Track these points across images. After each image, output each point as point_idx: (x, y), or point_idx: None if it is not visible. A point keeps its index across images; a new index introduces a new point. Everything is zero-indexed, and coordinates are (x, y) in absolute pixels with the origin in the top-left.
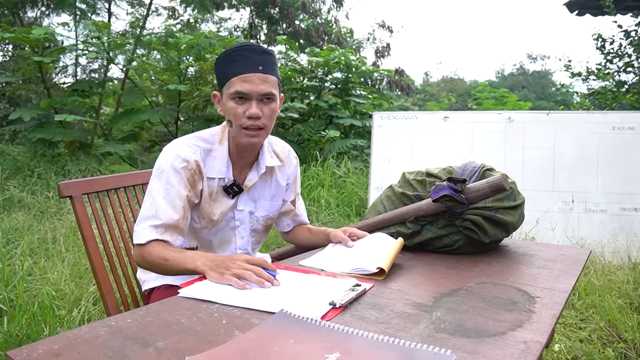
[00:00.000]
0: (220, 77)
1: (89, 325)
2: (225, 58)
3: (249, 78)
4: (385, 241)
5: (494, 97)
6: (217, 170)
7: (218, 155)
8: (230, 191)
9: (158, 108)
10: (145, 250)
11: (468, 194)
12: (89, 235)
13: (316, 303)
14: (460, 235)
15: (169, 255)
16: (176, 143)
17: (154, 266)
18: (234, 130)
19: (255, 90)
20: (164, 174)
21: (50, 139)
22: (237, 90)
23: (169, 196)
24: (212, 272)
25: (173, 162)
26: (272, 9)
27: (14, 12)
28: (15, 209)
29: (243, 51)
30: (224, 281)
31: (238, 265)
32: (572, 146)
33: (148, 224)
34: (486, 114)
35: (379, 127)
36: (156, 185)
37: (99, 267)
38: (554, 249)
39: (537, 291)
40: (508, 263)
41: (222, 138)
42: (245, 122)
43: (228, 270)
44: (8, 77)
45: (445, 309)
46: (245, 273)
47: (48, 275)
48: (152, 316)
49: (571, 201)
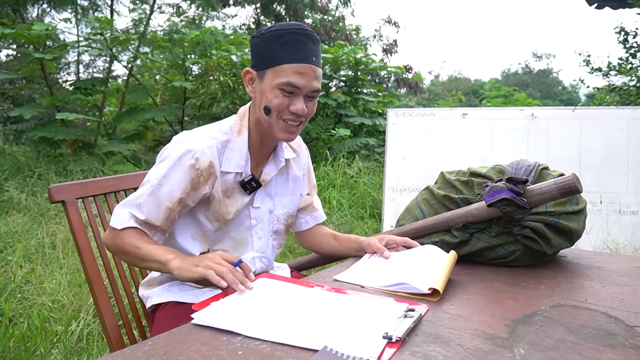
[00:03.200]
0: (265, 57)
1: None
2: (276, 37)
3: (304, 70)
4: (435, 254)
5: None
6: (234, 163)
7: (236, 147)
8: (247, 187)
9: (163, 106)
10: (118, 235)
11: (531, 197)
12: (84, 245)
13: (367, 336)
14: (518, 245)
15: (142, 245)
16: (191, 134)
17: (123, 253)
18: (269, 120)
19: (307, 86)
20: (165, 165)
21: (52, 138)
22: (289, 82)
23: (159, 192)
24: (185, 265)
25: (181, 156)
26: (278, 6)
27: (15, 10)
28: (14, 211)
29: (298, 35)
30: (194, 275)
31: (212, 258)
32: (600, 144)
33: (129, 210)
34: (507, 110)
35: (394, 124)
36: (154, 175)
37: (95, 280)
38: (621, 260)
39: (632, 317)
40: (576, 278)
41: (241, 127)
42: (287, 115)
43: (202, 262)
44: (9, 75)
45: (528, 344)
46: (220, 268)
47: (45, 284)
48: (159, 355)
49: (599, 202)
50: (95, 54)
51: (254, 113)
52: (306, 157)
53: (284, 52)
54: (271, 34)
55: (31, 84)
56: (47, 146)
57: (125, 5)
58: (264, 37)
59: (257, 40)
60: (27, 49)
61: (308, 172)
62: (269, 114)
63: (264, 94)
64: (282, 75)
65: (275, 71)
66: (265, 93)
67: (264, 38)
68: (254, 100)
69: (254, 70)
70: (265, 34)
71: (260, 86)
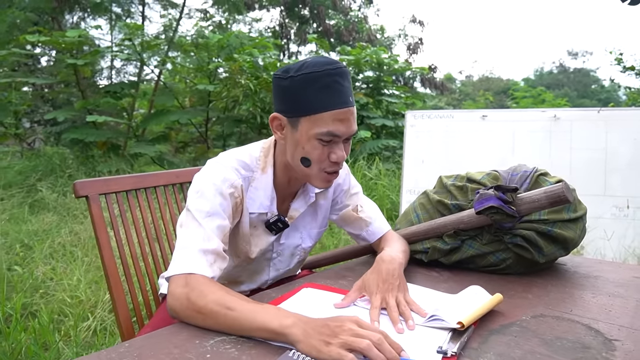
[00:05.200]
0: (298, 103)
1: None
2: (311, 81)
3: (344, 116)
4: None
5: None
6: (258, 204)
7: (260, 186)
8: (273, 227)
9: (188, 109)
10: (195, 289)
11: (520, 206)
12: (104, 239)
13: (420, 350)
14: (509, 253)
15: (235, 304)
16: (220, 164)
17: (206, 314)
18: (307, 172)
19: (348, 132)
20: (207, 196)
21: (83, 140)
22: (330, 132)
23: (214, 222)
24: (311, 340)
25: (220, 185)
26: (302, 9)
27: (53, 17)
28: (44, 210)
29: (334, 76)
30: (330, 357)
31: (348, 329)
32: (626, 146)
33: (195, 248)
34: (528, 111)
35: (412, 126)
36: (201, 207)
37: (112, 274)
38: (623, 269)
39: (614, 331)
40: (569, 288)
41: (266, 165)
42: (329, 166)
43: (335, 338)
44: (46, 80)
45: (495, 355)
46: (362, 342)
47: (64, 281)
48: (132, 356)
49: (626, 207)
50: (124, 58)
51: (281, 155)
52: (341, 178)
53: (322, 98)
54: (304, 77)
55: (69, 88)
56: (80, 148)
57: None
58: (295, 80)
59: (286, 83)
60: (64, 55)
61: (343, 185)
62: (308, 165)
63: (299, 144)
64: (321, 125)
65: (313, 120)
66: (301, 143)
67: (294, 81)
68: (282, 146)
69: (283, 117)
70: (295, 76)
71: (294, 135)
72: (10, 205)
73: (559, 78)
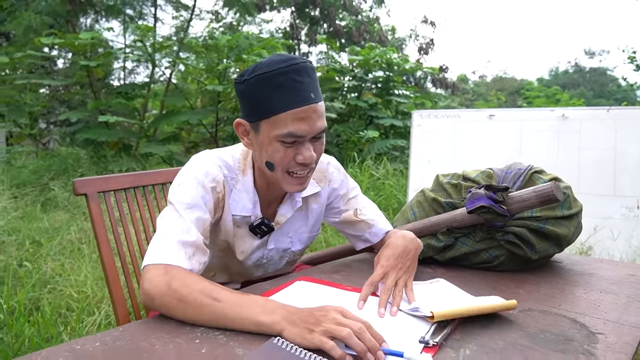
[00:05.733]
0: (254, 106)
1: (53, 348)
2: (263, 81)
3: (305, 114)
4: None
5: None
6: (241, 206)
7: (242, 188)
8: (258, 231)
9: (198, 109)
10: (176, 278)
11: (510, 205)
12: (102, 235)
13: (403, 341)
14: (502, 250)
15: (221, 295)
16: (203, 158)
17: (188, 303)
18: (274, 176)
19: (312, 131)
20: (189, 188)
21: (96, 139)
22: (290, 132)
23: (192, 214)
24: (295, 329)
25: (202, 178)
26: (313, 10)
27: (68, 20)
28: (56, 208)
29: (289, 73)
30: (310, 346)
31: (332, 318)
32: (637, 145)
33: (174, 239)
34: (536, 111)
35: (419, 126)
36: (182, 199)
37: (110, 270)
38: (620, 267)
39: (600, 324)
40: (561, 284)
41: (245, 167)
42: (294, 167)
43: (319, 326)
44: (61, 81)
45: (477, 346)
46: (343, 330)
47: (71, 277)
48: (125, 339)
49: (636, 207)
50: (135, 59)
51: (257, 160)
52: (336, 182)
53: (277, 97)
54: (256, 79)
55: (83, 89)
56: (93, 148)
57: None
58: (249, 84)
59: (242, 87)
60: (79, 57)
61: (340, 189)
62: (273, 169)
63: (262, 147)
64: (280, 127)
65: (272, 122)
66: (264, 147)
67: (249, 84)
68: (253, 152)
69: (246, 122)
70: (249, 79)
71: (257, 139)
72: (24, 203)
73: (574, 78)
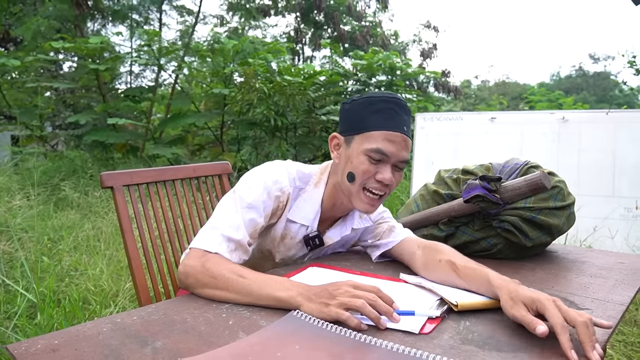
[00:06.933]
0: (354, 122)
1: (95, 321)
2: (368, 104)
3: (395, 138)
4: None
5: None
6: (302, 215)
7: (309, 199)
8: (310, 243)
9: (204, 112)
10: (210, 260)
11: (503, 194)
12: (127, 225)
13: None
14: (499, 238)
15: (247, 274)
16: (277, 167)
17: (219, 279)
18: (350, 188)
19: (396, 155)
20: (254, 190)
21: (104, 141)
22: (378, 149)
23: (248, 214)
24: (312, 304)
25: (270, 185)
26: (317, 15)
27: (75, 25)
28: (67, 207)
29: (390, 103)
30: (327, 319)
31: (345, 291)
32: (636, 148)
33: (222, 232)
34: (537, 114)
35: (422, 128)
36: (245, 197)
37: (134, 260)
38: (611, 256)
39: (587, 302)
40: (555, 270)
41: (319, 181)
42: (372, 184)
43: (333, 299)
44: (68, 84)
45: (474, 318)
46: (357, 302)
47: (88, 271)
48: (158, 314)
49: (635, 207)
50: (143, 63)
51: (334, 176)
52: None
53: (376, 118)
54: (364, 101)
55: (89, 93)
56: (100, 150)
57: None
58: (356, 104)
59: (347, 107)
60: (85, 60)
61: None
62: (352, 181)
63: (349, 159)
64: (371, 142)
65: (365, 137)
66: (351, 159)
67: (355, 104)
68: (336, 166)
69: (341, 136)
70: (357, 100)
71: (347, 152)
72: (37, 202)
73: (577, 82)
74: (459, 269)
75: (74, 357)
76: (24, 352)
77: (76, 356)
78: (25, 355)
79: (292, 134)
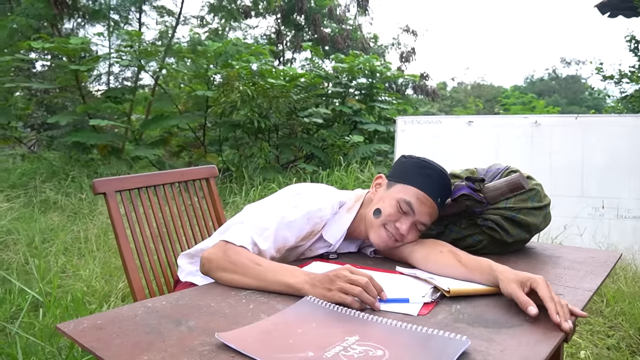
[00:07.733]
0: (404, 174)
1: (128, 305)
2: (422, 166)
3: (426, 201)
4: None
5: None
6: (330, 234)
7: (339, 220)
8: (323, 256)
9: (186, 114)
10: (233, 249)
11: (487, 193)
12: (121, 230)
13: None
14: (484, 235)
15: (263, 262)
16: (326, 196)
17: (238, 265)
18: (373, 220)
19: (421, 215)
20: (297, 213)
21: (85, 143)
22: (409, 202)
23: (283, 232)
24: (317, 290)
25: (314, 212)
26: (298, 16)
27: (52, 24)
28: (50, 210)
29: (441, 177)
30: (334, 300)
31: (343, 276)
32: (602, 150)
33: (252, 234)
34: (512, 117)
35: (403, 131)
36: (287, 213)
37: (129, 262)
38: (583, 251)
39: (560, 289)
40: (534, 263)
41: (352, 208)
42: (391, 227)
43: (334, 284)
44: (45, 85)
45: (464, 302)
46: (354, 288)
47: (80, 272)
48: (185, 300)
49: (601, 207)
50: (125, 64)
51: (364, 207)
52: None
53: (421, 179)
54: (419, 162)
55: (65, 93)
56: (79, 151)
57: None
58: (412, 160)
59: (404, 160)
60: (62, 60)
61: None
62: (377, 215)
63: (383, 199)
64: (407, 194)
65: (404, 188)
66: (385, 199)
67: (412, 161)
68: (369, 201)
69: (386, 179)
70: (414, 159)
71: (384, 193)
72: (18, 205)
73: (550, 85)
74: (461, 257)
75: (119, 333)
76: (73, 330)
77: (121, 332)
78: (75, 332)
79: (274, 135)
